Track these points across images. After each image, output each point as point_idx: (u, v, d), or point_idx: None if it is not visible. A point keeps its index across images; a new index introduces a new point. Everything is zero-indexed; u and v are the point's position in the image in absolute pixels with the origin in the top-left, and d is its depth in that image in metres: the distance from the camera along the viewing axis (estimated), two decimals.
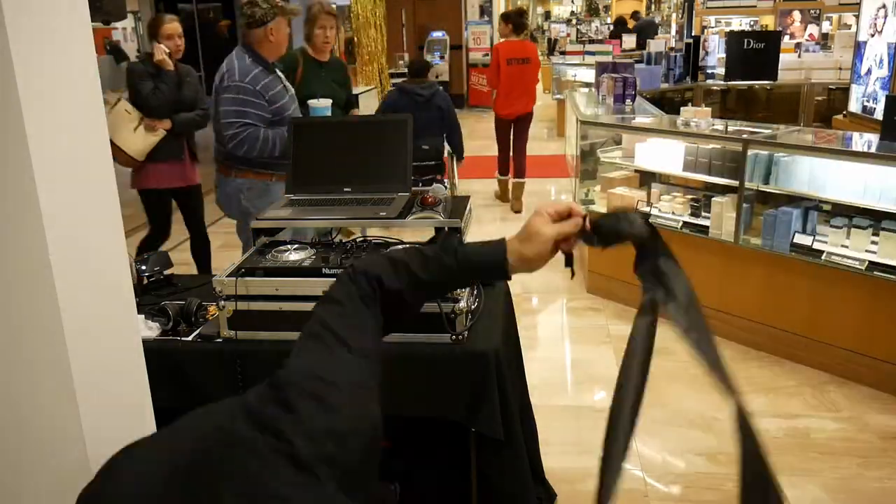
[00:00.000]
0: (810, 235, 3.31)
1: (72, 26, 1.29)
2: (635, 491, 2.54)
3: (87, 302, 1.34)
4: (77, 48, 1.31)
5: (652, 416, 2.98)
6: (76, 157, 1.31)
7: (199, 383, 1.98)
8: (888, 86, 5.25)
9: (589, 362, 3.48)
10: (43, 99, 1.22)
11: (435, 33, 12.58)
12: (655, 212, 3.89)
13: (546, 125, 11.27)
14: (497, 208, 6.55)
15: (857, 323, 3.18)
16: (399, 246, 2.06)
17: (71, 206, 1.29)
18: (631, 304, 4.06)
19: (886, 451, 2.72)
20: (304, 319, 1.10)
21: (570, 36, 15.53)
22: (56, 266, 1.25)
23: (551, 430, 2.89)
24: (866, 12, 5.64)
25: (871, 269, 3.07)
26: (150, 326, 2.04)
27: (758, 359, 3.47)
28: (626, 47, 10.78)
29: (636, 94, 5.08)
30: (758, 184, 3.51)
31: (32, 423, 1.35)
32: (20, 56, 1.17)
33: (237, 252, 3.70)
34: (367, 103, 6.72)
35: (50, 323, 1.27)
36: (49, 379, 1.31)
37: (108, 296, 1.42)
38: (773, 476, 0.73)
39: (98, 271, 1.38)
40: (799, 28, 10.69)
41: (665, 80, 7.63)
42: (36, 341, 1.29)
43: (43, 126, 1.22)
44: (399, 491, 2.18)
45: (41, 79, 1.22)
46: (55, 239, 1.25)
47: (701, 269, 3.74)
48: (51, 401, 1.32)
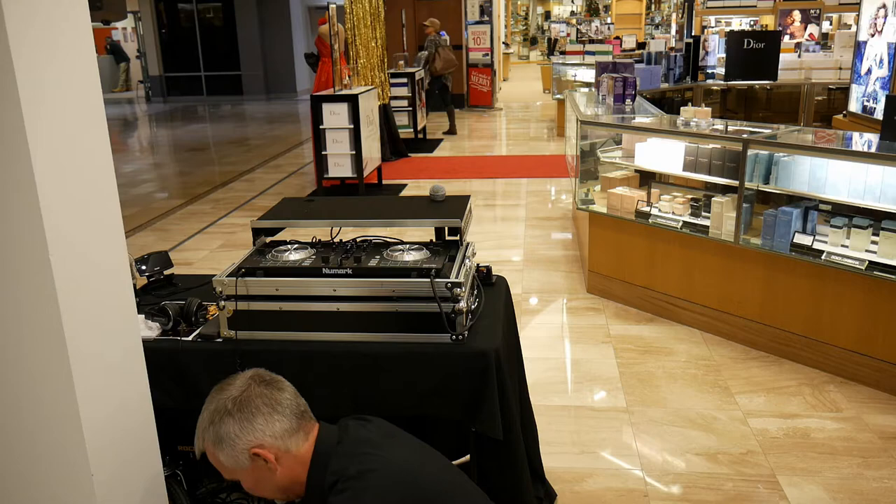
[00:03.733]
0: (810, 235, 3.31)
1: (72, 26, 1.29)
2: (635, 491, 2.54)
3: (87, 302, 1.34)
4: (77, 48, 1.31)
5: (652, 416, 2.99)
6: (76, 157, 1.31)
7: (199, 383, 1.98)
8: (888, 86, 5.25)
9: (589, 362, 3.48)
10: (43, 99, 1.22)
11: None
12: (655, 211, 3.89)
13: (546, 125, 11.27)
14: (497, 208, 6.55)
15: (857, 323, 3.18)
16: (398, 246, 2.07)
17: (71, 205, 1.29)
18: (631, 304, 4.07)
19: (886, 450, 2.72)
20: (304, 319, 1.11)
21: (570, 36, 15.54)
22: (56, 266, 1.25)
23: (551, 429, 2.89)
24: (866, 12, 5.64)
25: (870, 268, 3.07)
26: (150, 326, 2.04)
27: (758, 359, 3.47)
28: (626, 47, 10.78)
29: (636, 93, 5.08)
30: (758, 184, 3.51)
31: (33, 423, 1.35)
32: (21, 56, 1.17)
33: (237, 252, 3.70)
34: (367, 103, 6.72)
35: (50, 323, 1.27)
36: (49, 379, 1.31)
37: (108, 296, 1.42)
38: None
39: (98, 271, 1.38)
40: (799, 28, 10.69)
41: (665, 80, 7.64)
42: (36, 341, 1.29)
43: (43, 126, 1.22)
44: None
45: (41, 79, 1.22)
46: (55, 239, 1.25)
47: (701, 269, 3.74)
48: (51, 400, 1.32)
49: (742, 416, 2.97)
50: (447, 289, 1.86)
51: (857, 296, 3.16)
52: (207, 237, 5.91)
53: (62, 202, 1.27)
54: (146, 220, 6.45)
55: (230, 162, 9.57)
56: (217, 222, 6.38)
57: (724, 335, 3.68)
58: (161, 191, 8.23)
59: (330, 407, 1.97)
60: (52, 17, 1.24)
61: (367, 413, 1.55)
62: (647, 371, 3.37)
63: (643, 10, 19.32)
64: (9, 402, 1.34)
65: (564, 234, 5.59)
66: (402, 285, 1.88)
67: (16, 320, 1.28)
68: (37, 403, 1.33)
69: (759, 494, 2.50)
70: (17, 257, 1.25)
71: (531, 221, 5.95)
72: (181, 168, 9.60)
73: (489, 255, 5.05)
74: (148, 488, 1.58)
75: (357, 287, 1.90)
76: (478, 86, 13.15)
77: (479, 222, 5.99)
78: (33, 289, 1.26)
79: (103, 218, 1.40)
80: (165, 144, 11.85)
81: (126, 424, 1.48)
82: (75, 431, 1.33)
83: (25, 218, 1.23)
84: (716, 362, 3.44)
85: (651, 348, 3.61)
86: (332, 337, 1.93)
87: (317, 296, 1.91)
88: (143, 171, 9.44)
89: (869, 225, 3.16)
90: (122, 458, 1.47)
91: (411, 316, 1.89)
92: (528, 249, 5.22)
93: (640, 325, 3.87)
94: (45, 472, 1.37)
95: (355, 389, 1.93)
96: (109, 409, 1.42)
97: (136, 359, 1.53)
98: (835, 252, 3.19)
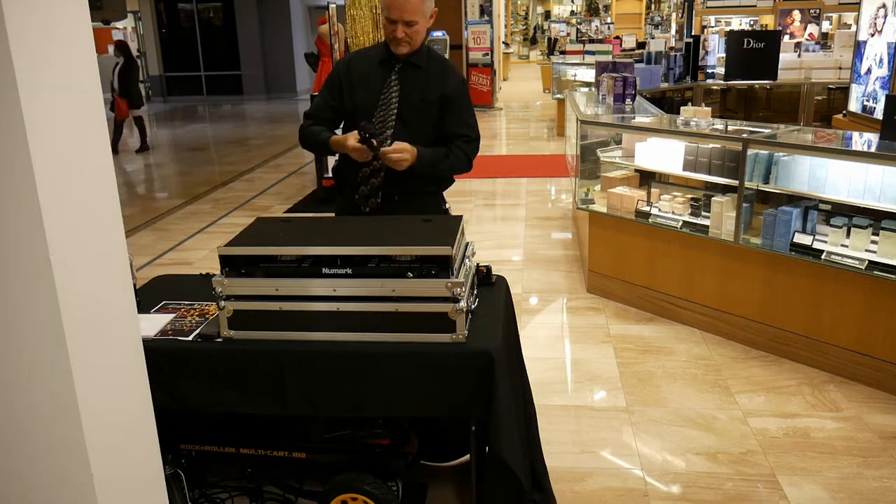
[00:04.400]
0: (810, 235, 3.31)
1: (72, 26, 1.29)
2: (635, 491, 2.54)
3: (87, 302, 1.34)
4: (77, 48, 1.31)
5: (652, 416, 2.99)
6: (76, 157, 1.31)
7: (200, 383, 1.98)
8: (888, 85, 5.25)
9: (589, 362, 3.48)
10: (43, 99, 1.22)
11: (435, 33, 12.58)
12: (655, 211, 3.89)
13: (546, 125, 11.28)
14: (497, 208, 6.56)
15: (857, 323, 3.18)
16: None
17: (71, 205, 1.29)
18: (631, 304, 4.07)
19: (886, 450, 2.72)
20: (304, 319, 1.11)
21: (570, 35, 15.54)
22: (56, 266, 1.25)
23: (551, 429, 2.89)
24: (866, 12, 5.64)
25: (870, 268, 3.07)
26: (150, 326, 2.04)
27: (758, 358, 3.47)
28: (626, 47, 10.78)
29: (636, 93, 5.08)
30: (758, 183, 3.51)
31: (33, 423, 1.35)
32: (20, 56, 1.17)
33: None
34: None
35: (50, 323, 1.27)
36: (49, 379, 1.31)
37: (108, 296, 1.42)
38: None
39: (98, 271, 1.38)
40: (799, 28, 10.69)
41: (665, 80, 7.64)
42: (36, 341, 1.29)
43: (43, 126, 1.22)
44: (400, 490, 2.18)
45: (42, 79, 1.22)
46: (55, 238, 1.25)
47: (701, 268, 3.74)
48: (51, 400, 1.32)
49: (742, 415, 2.97)
50: (447, 289, 1.86)
51: (857, 296, 3.16)
52: (207, 237, 5.91)
53: (62, 202, 1.27)
54: (146, 220, 6.45)
55: (230, 162, 9.57)
56: (217, 222, 6.38)
57: (724, 335, 3.68)
58: (161, 191, 8.23)
59: (330, 407, 1.98)
60: (52, 17, 1.24)
61: (367, 413, 1.55)
62: (647, 371, 3.37)
63: (643, 10, 19.32)
64: (9, 401, 1.34)
65: (564, 233, 5.59)
66: (403, 285, 1.88)
67: (16, 320, 1.28)
68: (37, 403, 1.33)
69: (759, 494, 2.50)
70: (17, 257, 1.25)
71: (531, 221, 5.95)
72: (181, 168, 9.60)
73: (489, 255, 5.05)
74: (148, 488, 1.58)
75: (357, 287, 1.90)
76: (478, 85, 13.15)
77: (479, 222, 5.99)
78: (33, 289, 1.26)
79: (103, 218, 1.40)
80: (165, 144, 11.86)
81: (126, 424, 1.48)
82: (75, 431, 1.33)
83: (25, 218, 1.22)
84: (716, 362, 3.44)
85: (651, 348, 3.61)
86: (332, 337, 1.93)
87: (317, 296, 1.91)
88: (143, 171, 9.44)
89: (869, 224, 3.16)
90: (122, 458, 1.47)
91: (411, 316, 1.89)
92: (528, 249, 5.22)
93: (640, 324, 3.87)
94: (45, 472, 1.37)
95: (355, 389, 1.93)
96: (109, 409, 1.42)
97: (136, 359, 1.53)
98: (835, 252, 3.19)
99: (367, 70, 2.52)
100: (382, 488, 2.09)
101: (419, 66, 2.49)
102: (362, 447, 2.20)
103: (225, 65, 17.86)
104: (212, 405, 2.00)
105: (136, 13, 18.18)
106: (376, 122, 2.46)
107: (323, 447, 2.22)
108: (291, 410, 1.97)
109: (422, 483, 2.46)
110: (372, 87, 2.50)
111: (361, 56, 2.62)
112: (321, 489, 2.16)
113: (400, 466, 2.22)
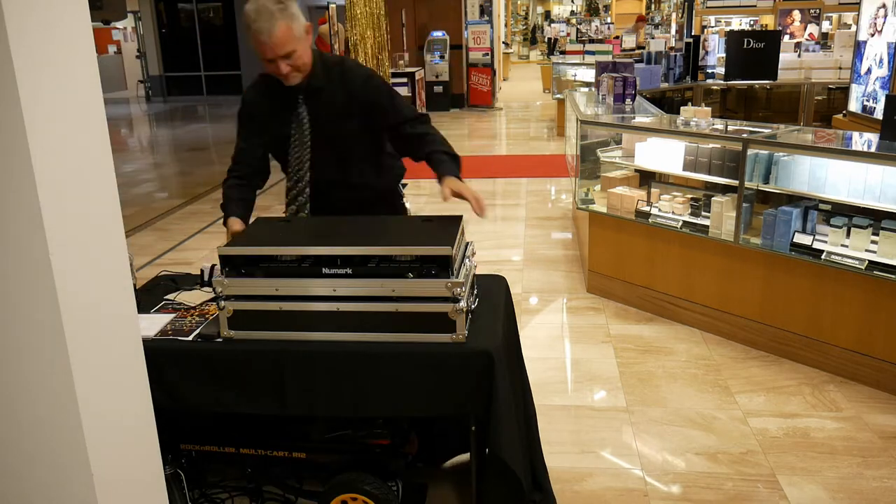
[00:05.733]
0: (810, 235, 3.31)
1: (72, 26, 1.29)
2: (635, 491, 2.54)
3: (87, 302, 1.34)
4: (77, 48, 1.31)
5: (652, 415, 2.99)
6: (76, 157, 1.31)
7: (200, 383, 1.98)
8: (888, 85, 5.24)
9: (589, 362, 3.48)
10: (43, 99, 1.22)
11: (435, 33, 12.59)
12: (655, 211, 3.89)
13: (546, 125, 11.27)
14: (497, 208, 6.55)
15: (857, 323, 3.18)
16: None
17: (71, 205, 1.29)
18: (631, 304, 4.07)
19: (886, 450, 2.72)
20: (304, 319, 1.11)
21: (570, 35, 15.54)
22: (56, 266, 1.25)
23: (551, 429, 2.89)
24: (866, 12, 5.64)
25: (870, 268, 3.07)
26: (150, 326, 2.04)
27: (758, 358, 3.47)
28: (625, 47, 10.78)
29: (636, 93, 5.08)
30: (758, 183, 3.51)
31: (33, 423, 1.35)
32: (20, 56, 1.17)
33: None
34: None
35: (50, 323, 1.27)
36: (49, 379, 1.31)
37: (108, 296, 1.42)
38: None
39: (98, 271, 1.38)
40: (799, 27, 10.69)
41: (665, 80, 7.63)
42: (36, 341, 1.29)
43: (43, 126, 1.22)
44: (400, 490, 2.18)
45: (42, 79, 1.22)
46: (55, 238, 1.25)
47: (701, 268, 3.74)
48: (51, 400, 1.32)
49: (742, 415, 2.97)
50: (447, 289, 1.86)
51: (857, 295, 3.16)
52: (208, 237, 5.91)
53: (62, 202, 1.27)
54: (146, 220, 6.45)
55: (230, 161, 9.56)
56: (217, 222, 6.38)
57: (724, 335, 3.68)
58: (161, 190, 8.23)
59: (330, 407, 1.98)
60: (52, 17, 1.24)
61: (367, 413, 1.55)
62: (646, 371, 3.37)
63: (643, 10, 19.32)
64: (8, 401, 1.34)
65: (564, 233, 5.59)
66: (403, 285, 1.88)
67: (16, 320, 1.28)
68: (37, 403, 1.33)
69: (758, 494, 2.50)
70: (17, 257, 1.25)
71: (531, 221, 5.95)
72: (181, 168, 9.60)
73: (489, 255, 5.05)
74: (148, 488, 1.58)
75: (357, 287, 1.90)
76: (478, 85, 13.15)
77: (479, 222, 5.98)
78: (33, 289, 1.26)
79: (103, 218, 1.40)
80: (165, 144, 11.85)
81: (126, 424, 1.48)
82: (75, 431, 1.33)
83: (25, 218, 1.22)
84: (716, 362, 3.44)
85: (651, 348, 3.61)
86: (332, 337, 1.93)
87: (317, 296, 1.91)
88: (143, 171, 9.43)
89: (869, 224, 3.16)
90: (122, 458, 1.46)
91: (411, 316, 1.89)
92: (528, 249, 5.22)
93: (640, 324, 3.87)
94: (45, 472, 1.37)
95: (355, 389, 1.93)
96: (109, 409, 1.41)
97: (136, 359, 1.53)
98: (835, 252, 3.19)
99: (269, 109, 2.42)
100: (382, 488, 2.09)
101: (320, 88, 2.36)
102: (362, 447, 2.20)
103: (225, 65, 17.85)
104: (212, 405, 2.00)
105: (136, 13, 18.17)
106: (293, 163, 2.40)
107: (323, 447, 2.22)
108: (291, 410, 1.97)
109: (422, 483, 2.46)
110: (283, 120, 2.40)
111: (259, 95, 2.48)
112: (321, 489, 2.17)
113: (400, 466, 2.22)
